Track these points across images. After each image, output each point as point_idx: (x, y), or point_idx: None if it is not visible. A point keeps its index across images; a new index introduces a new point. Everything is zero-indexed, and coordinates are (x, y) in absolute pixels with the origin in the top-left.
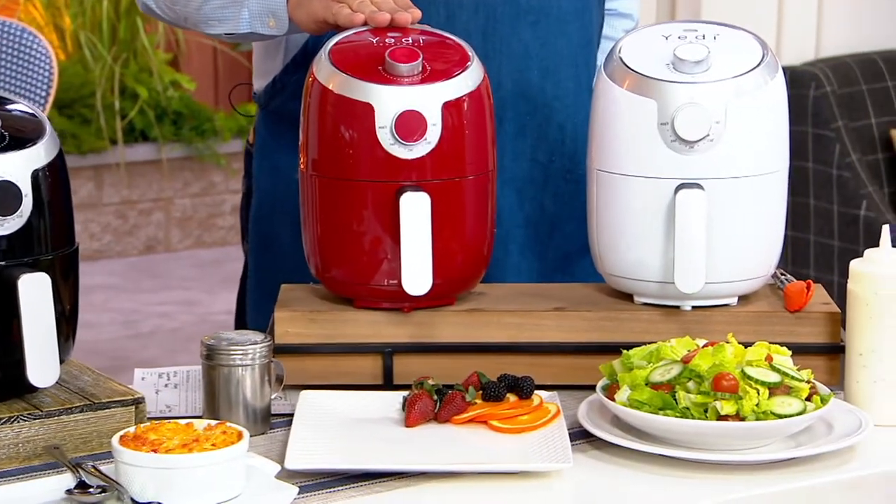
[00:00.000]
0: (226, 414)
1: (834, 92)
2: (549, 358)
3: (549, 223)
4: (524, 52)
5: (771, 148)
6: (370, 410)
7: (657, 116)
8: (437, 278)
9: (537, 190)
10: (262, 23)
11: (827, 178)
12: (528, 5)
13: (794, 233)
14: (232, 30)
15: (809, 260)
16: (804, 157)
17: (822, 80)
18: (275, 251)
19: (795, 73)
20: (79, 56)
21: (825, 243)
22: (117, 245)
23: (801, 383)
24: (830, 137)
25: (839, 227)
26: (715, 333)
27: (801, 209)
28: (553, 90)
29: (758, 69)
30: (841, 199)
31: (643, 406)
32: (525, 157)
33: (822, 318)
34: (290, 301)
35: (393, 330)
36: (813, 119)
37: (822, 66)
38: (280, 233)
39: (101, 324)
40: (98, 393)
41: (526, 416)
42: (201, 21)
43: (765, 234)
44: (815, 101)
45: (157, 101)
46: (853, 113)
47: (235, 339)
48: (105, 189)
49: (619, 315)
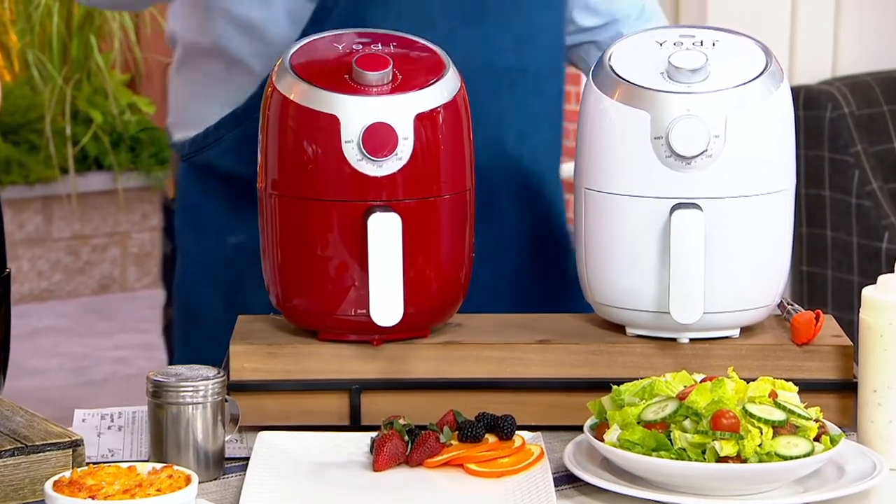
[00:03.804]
0: (174, 457)
1: (852, 113)
2: (533, 395)
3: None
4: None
5: (775, 165)
6: (335, 453)
7: (651, 130)
8: (410, 308)
9: None
10: None
11: (845, 208)
12: (506, 65)
13: (809, 267)
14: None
15: (827, 296)
16: (820, 185)
17: (840, 100)
18: (204, 325)
19: (810, 92)
20: (26, 77)
21: (844, 279)
22: (68, 284)
23: (808, 422)
24: (849, 163)
25: (859, 260)
26: (714, 368)
27: (817, 241)
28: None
29: (761, 78)
30: (861, 230)
31: (635, 447)
32: None
33: (832, 352)
34: (246, 333)
35: (361, 365)
36: (829, 143)
37: (839, 85)
38: (209, 304)
39: (50, 370)
40: (31, 435)
41: (506, 458)
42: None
43: (769, 260)
44: (832, 124)
45: (112, 126)
46: (873, 136)
47: (185, 374)
48: (55, 223)
49: (610, 348)
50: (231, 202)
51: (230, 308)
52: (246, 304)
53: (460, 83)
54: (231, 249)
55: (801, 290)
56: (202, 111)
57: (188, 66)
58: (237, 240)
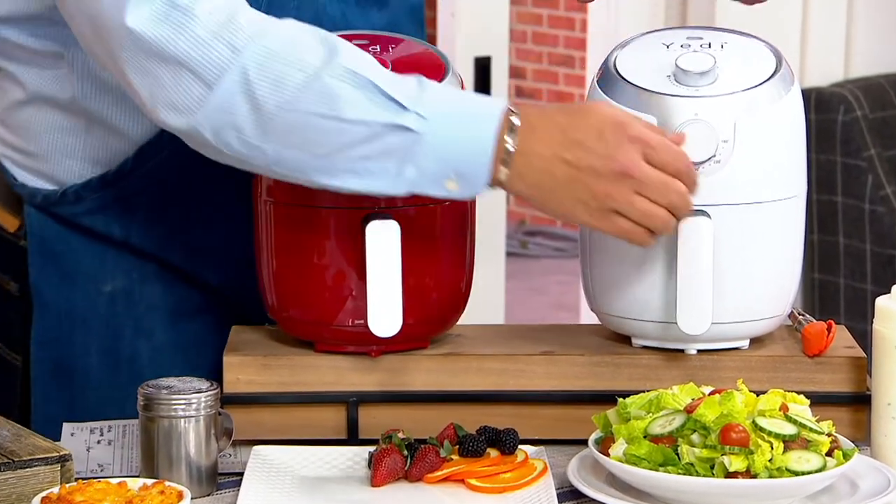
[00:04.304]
0: (166, 472)
1: (865, 116)
2: (536, 408)
3: None
4: None
5: (786, 171)
6: (332, 468)
7: None
8: (409, 318)
9: None
10: (435, 183)
11: (858, 214)
12: None
13: (821, 275)
14: (377, 189)
15: (840, 306)
16: (832, 191)
17: (852, 102)
18: (77, 379)
19: (822, 95)
20: None
21: (857, 287)
22: None
23: (820, 436)
24: (862, 168)
25: (873, 268)
26: (723, 380)
27: (829, 249)
28: None
29: (771, 81)
30: (874, 237)
31: (641, 462)
32: None
33: (844, 364)
34: (240, 344)
35: (358, 377)
36: (842, 147)
37: (852, 88)
38: (81, 358)
39: None
40: (18, 450)
41: (509, 473)
42: (323, 170)
43: (780, 269)
44: (845, 127)
45: None
46: (887, 140)
47: (177, 386)
48: None
49: (615, 360)
50: (102, 250)
51: (109, 360)
52: (128, 352)
53: (461, 85)
54: (105, 298)
55: (812, 299)
56: (54, 163)
57: (32, 108)
58: (112, 287)
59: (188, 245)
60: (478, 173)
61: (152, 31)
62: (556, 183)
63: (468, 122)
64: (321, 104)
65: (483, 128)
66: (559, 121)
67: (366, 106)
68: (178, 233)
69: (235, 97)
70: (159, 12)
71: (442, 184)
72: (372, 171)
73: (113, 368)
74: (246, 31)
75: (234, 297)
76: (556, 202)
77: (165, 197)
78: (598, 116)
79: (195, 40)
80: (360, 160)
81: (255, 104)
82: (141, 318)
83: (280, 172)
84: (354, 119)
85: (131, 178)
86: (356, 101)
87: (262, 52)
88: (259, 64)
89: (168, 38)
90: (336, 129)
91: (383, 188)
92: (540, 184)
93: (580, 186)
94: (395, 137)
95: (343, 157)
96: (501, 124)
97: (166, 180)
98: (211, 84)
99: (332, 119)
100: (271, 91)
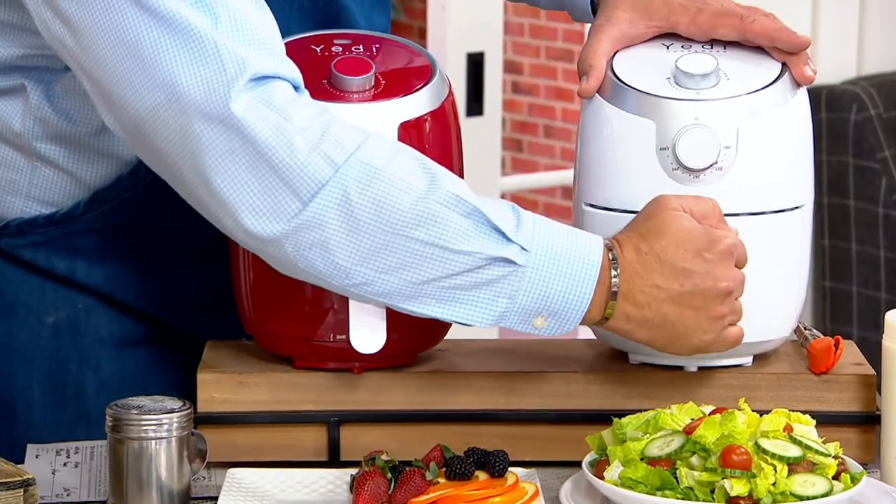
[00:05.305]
0: (136, 497)
1: (879, 115)
2: (527, 428)
3: None
4: None
5: (792, 179)
6: (311, 492)
7: (656, 140)
8: (393, 333)
9: None
10: (524, 318)
11: (872, 218)
12: None
13: (833, 283)
14: (459, 318)
15: (852, 315)
16: (844, 194)
17: (866, 101)
18: (18, 422)
19: (833, 93)
20: None
21: (870, 296)
22: None
23: (827, 459)
24: (876, 170)
25: (887, 276)
26: (724, 399)
27: (841, 255)
28: None
29: (776, 84)
30: (889, 242)
31: (638, 485)
32: None
33: (853, 382)
34: (215, 361)
35: (340, 395)
36: (854, 148)
37: (865, 85)
38: (23, 396)
39: None
40: None
41: (498, 497)
42: (412, 296)
43: (785, 283)
44: (857, 127)
45: None
46: None
47: (148, 406)
48: None
49: (611, 377)
50: (42, 282)
51: (54, 394)
52: (74, 386)
53: (448, 88)
54: (48, 330)
55: (823, 308)
56: (10, 202)
57: None
58: (56, 319)
59: (142, 285)
60: (574, 313)
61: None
62: (664, 318)
63: (571, 260)
64: (426, 230)
65: (586, 266)
66: (653, 246)
67: (474, 236)
68: (131, 272)
69: (330, 214)
70: (260, 112)
71: (530, 321)
72: (462, 300)
73: (58, 403)
74: (346, 146)
75: (186, 331)
76: (667, 336)
77: (119, 238)
78: (680, 231)
79: (292, 149)
80: (454, 290)
81: (353, 225)
82: (87, 349)
83: (358, 294)
84: (461, 249)
85: (83, 220)
86: (465, 230)
87: (363, 169)
88: (361, 183)
89: (267, 141)
90: (439, 257)
91: (467, 318)
92: (648, 321)
93: (690, 314)
94: (497, 270)
95: (438, 285)
96: (602, 261)
97: (123, 221)
98: (306, 200)
99: (436, 247)
100: (373, 212)
